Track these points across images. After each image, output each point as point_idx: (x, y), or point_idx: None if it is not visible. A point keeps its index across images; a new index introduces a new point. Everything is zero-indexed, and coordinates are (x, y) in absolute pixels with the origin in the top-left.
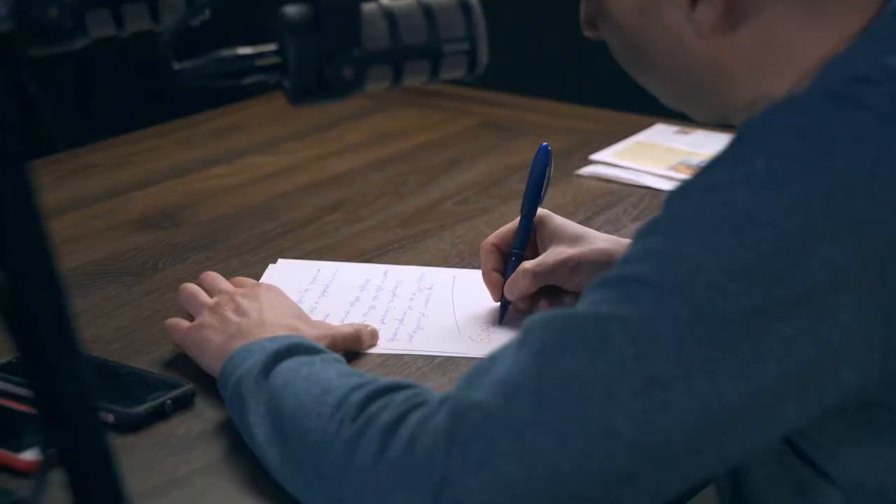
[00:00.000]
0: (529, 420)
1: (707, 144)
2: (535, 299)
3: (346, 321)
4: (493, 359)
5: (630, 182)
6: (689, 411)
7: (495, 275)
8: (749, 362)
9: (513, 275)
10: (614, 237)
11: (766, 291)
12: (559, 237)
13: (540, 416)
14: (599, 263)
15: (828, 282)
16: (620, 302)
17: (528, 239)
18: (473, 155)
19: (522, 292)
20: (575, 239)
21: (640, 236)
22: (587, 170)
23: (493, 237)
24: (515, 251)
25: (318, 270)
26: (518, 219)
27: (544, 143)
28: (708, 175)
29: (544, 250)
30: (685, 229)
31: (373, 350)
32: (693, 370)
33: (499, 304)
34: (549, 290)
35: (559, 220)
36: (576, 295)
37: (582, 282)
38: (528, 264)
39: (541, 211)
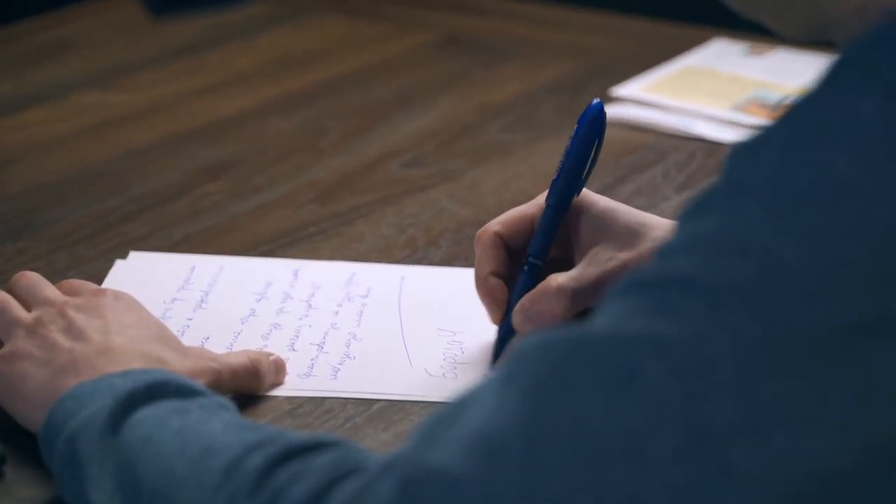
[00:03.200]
0: (520, 492)
1: (791, 72)
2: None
3: (237, 347)
4: (463, 403)
5: (673, 131)
6: (760, 479)
7: (496, 283)
8: (850, 404)
9: (534, 291)
10: None
11: (874, 299)
12: (605, 231)
13: (535, 488)
14: None
15: None
16: (656, 315)
17: (552, 243)
18: (431, 89)
19: (548, 319)
20: (631, 233)
21: (688, 216)
22: (612, 112)
23: (496, 224)
24: (531, 259)
25: (193, 269)
26: (537, 203)
27: (596, 100)
28: (791, 122)
29: (582, 251)
30: (754, 205)
31: (278, 391)
32: (765, 417)
33: (496, 329)
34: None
35: (604, 204)
36: None
37: None
38: (561, 278)
39: None
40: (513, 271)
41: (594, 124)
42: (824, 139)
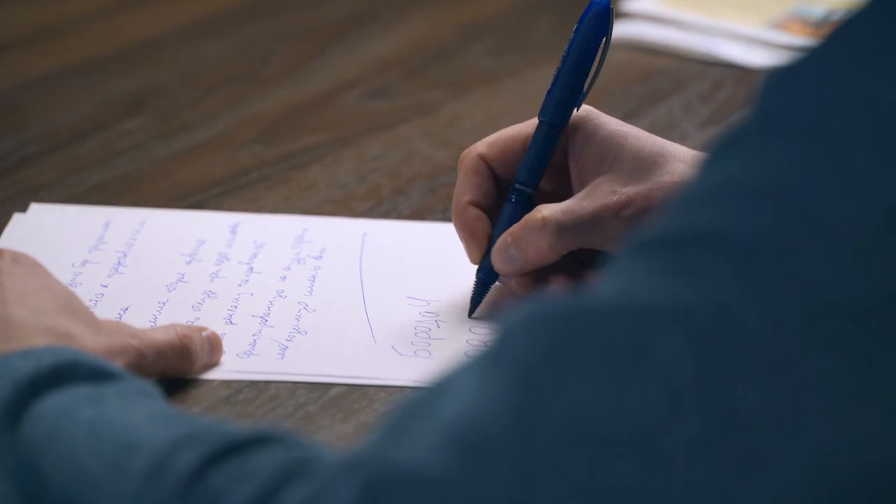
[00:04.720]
0: (509, 495)
1: None
2: (545, 274)
3: (162, 320)
4: (439, 388)
5: (696, 54)
6: (795, 475)
7: (475, 213)
8: None
9: (517, 225)
10: None
11: None
12: (612, 159)
13: (528, 490)
14: None
15: None
16: (672, 279)
17: (546, 165)
18: (399, 4)
19: (532, 261)
20: (644, 164)
21: (712, 158)
22: (620, 31)
23: (482, 145)
24: (519, 186)
25: (107, 225)
26: (533, 123)
27: None
28: (837, 43)
29: (581, 183)
30: (792, 146)
31: (213, 373)
32: (803, 402)
33: (474, 275)
34: (576, 256)
35: (614, 127)
36: None
37: None
38: (548, 209)
39: (581, 109)
40: (500, 203)
41: (599, 21)
42: (878, 66)
